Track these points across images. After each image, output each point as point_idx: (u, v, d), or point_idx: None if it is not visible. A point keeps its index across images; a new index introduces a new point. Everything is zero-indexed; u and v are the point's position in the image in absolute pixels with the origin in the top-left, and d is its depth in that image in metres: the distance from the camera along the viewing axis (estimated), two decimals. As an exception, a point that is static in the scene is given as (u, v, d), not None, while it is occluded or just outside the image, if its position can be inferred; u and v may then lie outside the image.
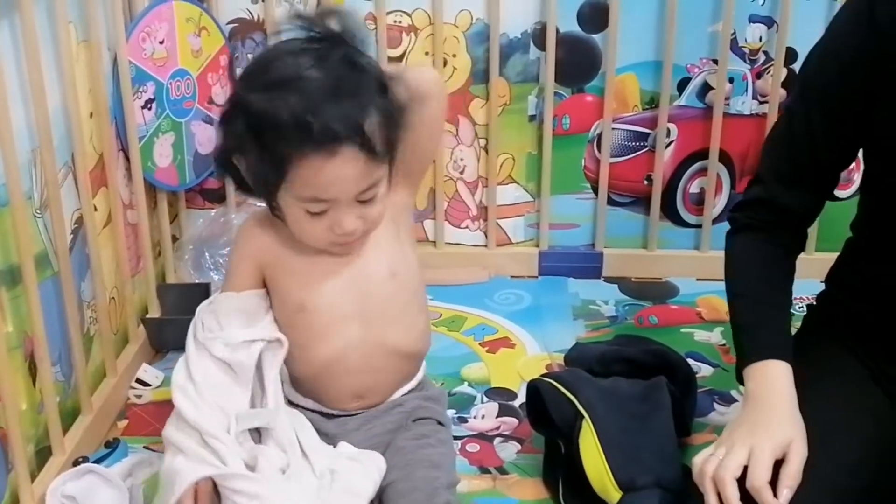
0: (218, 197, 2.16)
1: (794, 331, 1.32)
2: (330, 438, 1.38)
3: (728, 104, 2.09)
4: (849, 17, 1.24)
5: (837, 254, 1.41)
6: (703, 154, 2.12)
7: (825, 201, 1.34)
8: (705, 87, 2.08)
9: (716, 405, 1.69)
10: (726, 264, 1.38)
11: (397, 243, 1.38)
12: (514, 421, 1.65)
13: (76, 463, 1.48)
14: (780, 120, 1.35)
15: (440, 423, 1.44)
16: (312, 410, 1.42)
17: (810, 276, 1.51)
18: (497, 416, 1.67)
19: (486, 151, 2.14)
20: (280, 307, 1.37)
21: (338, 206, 1.22)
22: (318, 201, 1.22)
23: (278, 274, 1.36)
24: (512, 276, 2.20)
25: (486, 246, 2.23)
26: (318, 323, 1.36)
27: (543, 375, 1.53)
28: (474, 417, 1.67)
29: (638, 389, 1.48)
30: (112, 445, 1.57)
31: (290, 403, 1.41)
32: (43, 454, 1.47)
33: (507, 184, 2.18)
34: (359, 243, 1.32)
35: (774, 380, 1.23)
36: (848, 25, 1.24)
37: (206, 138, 2.00)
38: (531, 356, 1.87)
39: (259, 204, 1.44)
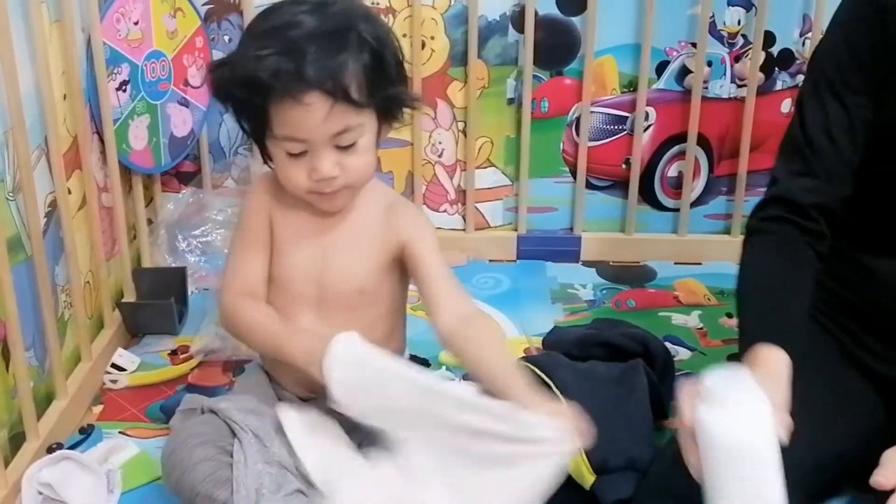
0: (194, 180, 2.14)
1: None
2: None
3: (706, 88, 2.09)
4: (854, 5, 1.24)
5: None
6: (681, 137, 2.13)
7: (847, 193, 1.28)
8: (684, 71, 2.08)
9: (693, 388, 1.69)
10: (738, 274, 1.32)
11: (385, 274, 1.36)
12: (492, 405, 1.65)
13: (50, 449, 1.47)
14: (794, 117, 1.33)
15: None
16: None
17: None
18: (475, 400, 1.67)
19: (465, 135, 2.13)
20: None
21: (314, 149, 1.24)
22: (294, 140, 1.24)
23: (276, 234, 1.36)
24: (490, 260, 2.19)
25: (464, 230, 2.22)
26: (281, 298, 1.36)
27: (520, 359, 1.52)
28: (452, 401, 1.66)
29: (614, 372, 1.49)
30: (87, 431, 1.57)
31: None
32: (17, 440, 1.46)
33: (485, 167, 2.18)
34: (341, 198, 1.31)
35: (771, 362, 1.15)
36: (854, 10, 1.24)
37: (181, 121, 1.99)
38: (509, 340, 1.87)
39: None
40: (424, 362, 1.73)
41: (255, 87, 1.21)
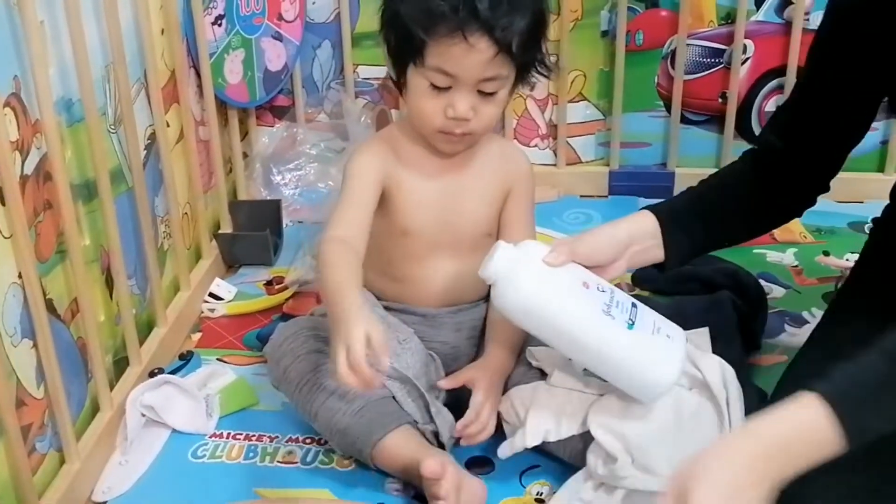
0: (288, 114, 2.16)
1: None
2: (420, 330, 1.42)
3: (808, 19, 2.02)
4: None
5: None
6: (780, 71, 2.07)
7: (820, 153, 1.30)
8: (784, 2, 2.02)
9: (787, 326, 1.67)
10: None
11: (513, 225, 1.42)
12: (581, 339, 1.65)
13: (152, 374, 1.52)
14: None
15: None
16: (398, 310, 1.43)
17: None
18: (564, 335, 1.67)
19: (557, 68, 2.10)
20: (386, 226, 1.38)
21: (458, 87, 1.26)
22: (444, 74, 1.25)
23: (393, 190, 1.37)
24: (581, 196, 2.18)
25: (555, 165, 2.21)
26: (415, 247, 1.39)
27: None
28: (541, 335, 1.67)
29: (700, 307, 1.46)
30: (186, 357, 1.61)
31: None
32: (120, 364, 1.51)
33: (577, 101, 2.15)
34: (464, 143, 1.34)
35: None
36: None
37: (275, 55, 2.00)
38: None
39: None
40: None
41: (428, 13, 1.22)
